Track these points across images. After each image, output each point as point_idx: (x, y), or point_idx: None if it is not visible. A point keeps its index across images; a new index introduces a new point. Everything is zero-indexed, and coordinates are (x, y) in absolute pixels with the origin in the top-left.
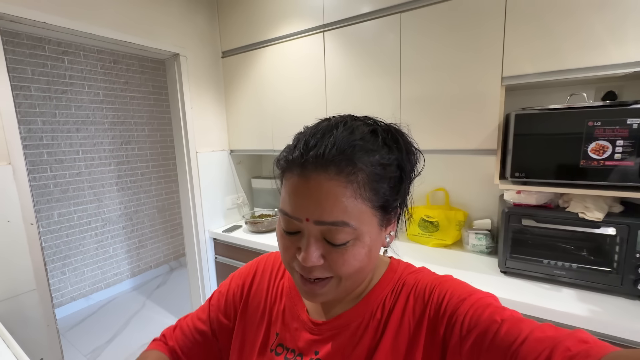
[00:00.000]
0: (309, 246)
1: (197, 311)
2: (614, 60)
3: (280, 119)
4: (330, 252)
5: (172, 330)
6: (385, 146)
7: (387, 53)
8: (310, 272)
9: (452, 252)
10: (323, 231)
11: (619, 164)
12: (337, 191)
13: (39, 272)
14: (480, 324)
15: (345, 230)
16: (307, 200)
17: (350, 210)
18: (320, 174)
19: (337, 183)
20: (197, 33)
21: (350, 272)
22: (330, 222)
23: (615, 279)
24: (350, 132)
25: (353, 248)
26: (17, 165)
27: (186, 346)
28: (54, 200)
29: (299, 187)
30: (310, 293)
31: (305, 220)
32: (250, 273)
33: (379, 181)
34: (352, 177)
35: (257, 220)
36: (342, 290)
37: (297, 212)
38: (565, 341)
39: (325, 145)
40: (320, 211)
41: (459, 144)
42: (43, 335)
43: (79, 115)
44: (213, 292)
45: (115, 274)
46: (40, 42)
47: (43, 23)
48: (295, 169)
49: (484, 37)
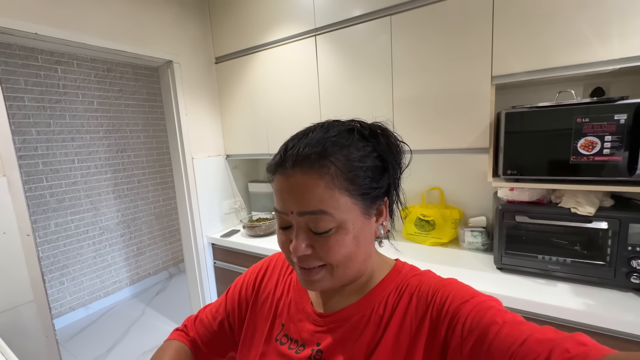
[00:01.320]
0: (297, 237)
1: (214, 303)
2: (600, 57)
3: (274, 122)
4: (317, 240)
5: (193, 322)
6: (362, 140)
7: (378, 55)
8: (303, 261)
9: (448, 250)
10: (306, 221)
11: (608, 159)
12: (312, 183)
13: (36, 283)
14: (481, 326)
15: (324, 218)
16: (289, 195)
17: (327, 200)
18: (296, 170)
19: (310, 176)
20: (189, 40)
21: (338, 258)
22: (310, 211)
23: (608, 272)
24: (325, 132)
25: (336, 235)
26: (12, 177)
27: (206, 337)
28: (50, 210)
29: (282, 184)
30: (308, 281)
31: (290, 213)
32: (262, 268)
33: (354, 171)
34: (324, 169)
35: (255, 224)
36: (338, 277)
37: (283, 207)
38: (564, 343)
39: (299, 146)
40: (300, 203)
41: (451, 144)
42: (42, 346)
43: (73, 124)
44: (230, 286)
45: (114, 282)
46: (32, 52)
47: (35, 34)
48: (279, 170)
49: (473, 38)
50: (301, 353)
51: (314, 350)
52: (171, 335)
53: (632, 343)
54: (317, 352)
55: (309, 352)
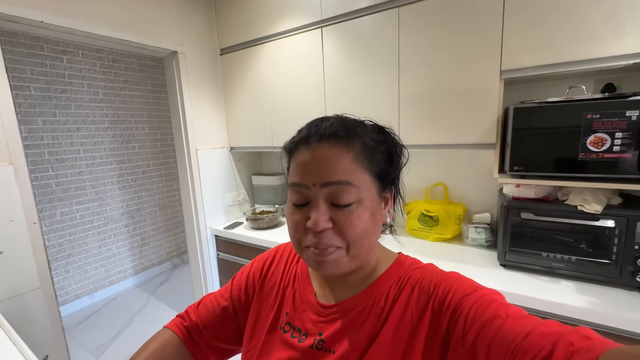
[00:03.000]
0: (318, 210)
1: (219, 290)
2: (613, 52)
3: (279, 115)
4: (337, 214)
5: (196, 307)
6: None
7: (385, 48)
8: (320, 239)
9: (451, 246)
10: (329, 193)
11: (617, 156)
12: (339, 155)
13: (42, 270)
14: (484, 319)
15: (349, 190)
16: (313, 167)
17: (352, 173)
18: (323, 144)
19: (338, 149)
20: (195, 31)
21: (356, 234)
22: (335, 181)
23: (613, 270)
24: (343, 119)
25: (357, 209)
26: (19, 165)
27: (208, 321)
28: (56, 200)
29: (307, 157)
30: (322, 263)
31: (312, 185)
32: (270, 257)
33: (373, 152)
34: (350, 144)
35: (258, 216)
36: (352, 258)
37: (305, 179)
38: (568, 336)
39: (325, 125)
40: (325, 173)
41: (458, 139)
42: (48, 332)
43: (79, 114)
44: (235, 274)
45: (118, 271)
46: (38, 41)
47: (40, 22)
48: (302, 145)
49: (483, 31)
50: (304, 342)
51: (316, 339)
52: (169, 323)
53: (637, 342)
54: (319, 341)
55: (311, 342)
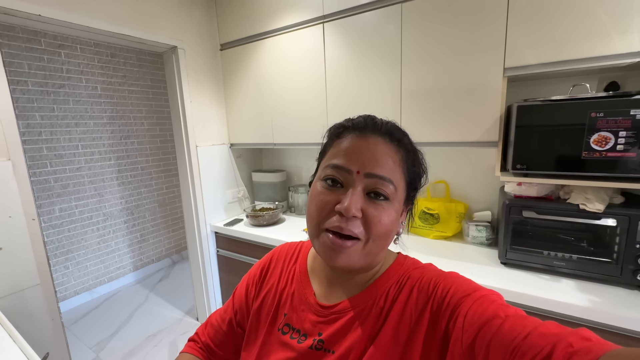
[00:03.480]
0: (353, 196)
1: (223, 307)
2: (618, 50)
3: (280, 112)
4: (369, 207)
5: (204, 327)
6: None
7: (387, 44)
8: (346, 223)
9: (452, 244)
10: (368, 185)
11: (621, 155)
12: (391, 154)
13: (42, 266)
14: (483, 319)
15: (388, 187)
16: (362, 155)
17: (395, 173)
18: (378, 137)
19: (390, 147)
20: (195, 25)
21: (380, 230)
22: (380, 175)
23: (614, 269)
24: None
25: (388, 208)
26: (17, 161)
27: (218, 339)
28: (55, 196)
29: (358, 143)
30: (337, 251)
31: (356, 172)
32: (266, 262)
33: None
34: (400, 148)
35: (258, 213)
36: (365, 254)
37: (350, 164)
38: (567, 338)
39: (382, 121)
40: (373, 164)
41: (460, 136)
42: (48, 328)
43: (77, 109)
44: (236, 287)
45: (117, 267)
46: (35, 35)
47: (38, 15)
48: (354, 131)
49: (486, 27)
50: (303, 343)
51: (315, 340)
52: (184, 348)
53: (637, 341)
54: (319, 342)
55: (311, 342)
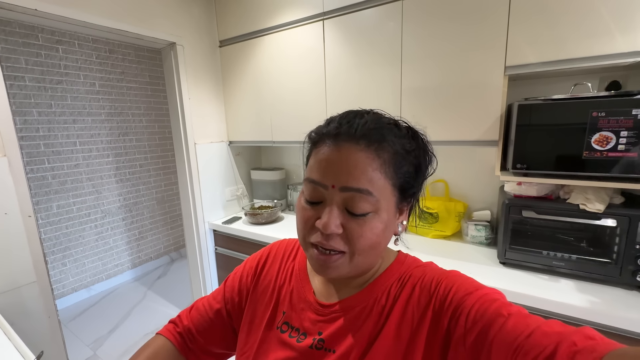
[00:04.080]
0: (331, 213)
1: (212, 293)
2: (621, 49)
3: (279, 109)
4: (350, 222)
5: (189, 311)
6: (408, 136)
7: (388, 42)
8: (328, 240)
9: (451, 243)
10: (346, 199)
11: (622, 155)
12: (366, 162)
13: (38, 264)
14: (486, 317)
15: (367, 199)
16: (336, 167)
17: (375, 182)
18: (352, 145)
19: (366, 154)
20: (193, 22)
21: (365, 245)
22: (356, 188)
23: (614, 269)
24: (378, 118)
25: (372, 221)
26: (13, 157)
27: (201, 325)
28: (52, 192)
29: (331, 155)
30: (324, 266)
31: (330, 187)
32: (263, 255)
33: (401, 162)
34: (380, 151)
35: (257, 211)
36: (354, 266)
37: (324, 178)
38: (571, 336)
39: (357, 122)
40: (347, 177)
41: (460, 135)
42: (44, 326)
43: (75, 106)
44: (228, 276)
45: (115, 265)
46: (33, 30)
47: (34, 10)
48: (328, 140)
49: (487, 26)
50: (302, 342)
51: (315, 339)
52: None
53: (636, 342)
54: (319, 341)
55: (310, 341)
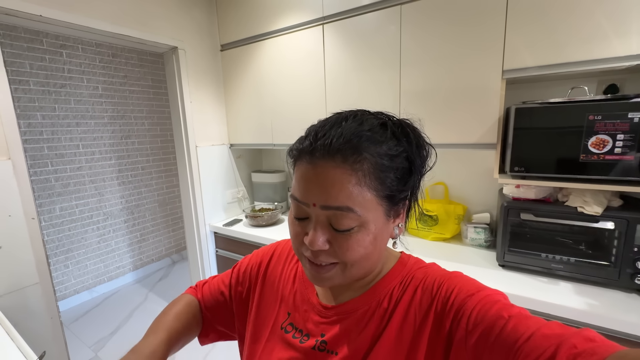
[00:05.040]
0: (315, 231)
1: (223, 274)
2: (617, 52)
3: (279, 112)
4: (336, 237)
5: (202, 285)
6: (394, 138)
7: (387, 46)
8: (316, 256)
9: (450, 245)
10: (329, 216)
11: (619, 158)
12: (343, 178)
13: (41, 266)
14: (487, 319)
15: (349, 215)
16: (314, 186)
17: (355, 197)
18: (327, 161)
19: (342, 170)
20: (195, 26)
21: (354, 258)
22: (335, 207)
23: (612, 272)
24: (359, 124)
25: (357, 234)
26: (17, 160)
27: (209, 301)
28: (55, 195)
29: (308, 174)
30: (317, 277)
31: (312, 205)
32: (268, 253)
33: (385, 171)
34: (357, 165)
35: (257, 214)
36: (349, 276)
37: (305, 197)
38: (571, 339)
39: (333, 135)
40: (326, 196)
41: (458, 138)
42: (47, 327)
43: (78, 109)
44: (237, 262)
45: (117, 267)
46: (37, 35)
47: (39, 16)
48: (305, 157)
49: (485, 30)
50: (305, 343)
51: (318, 340)
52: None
53: (635, 344)
54: (322, 342)
55: (313, 342)
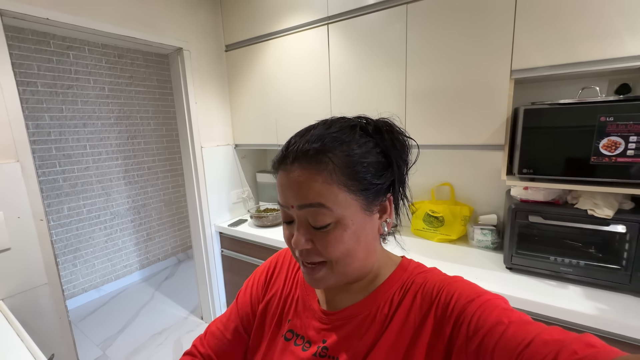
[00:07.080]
0: (298, 230)
1: (224, 314)
2: (630, 52)
3: (284, 113)
4: (316, 235)
5: (203, 337)
6: (364, 135)
7: (392, 46)
8: (305, 256)
9: (456, 247)
10: (306, 215)
11: (631, 161)
12: (310, 178)
13: (49, 266)
14: (487, 325)
15: (322, 211)
16: (289, 190)
17: (325, 194)
18: (295, 166)
19: (308, 171)
20: (200, 27)
21: (336, 254)
22: (308, 204)
23: (623, 276)
24: (326, 128)
25: (335, 231)
26: (25, 163)
27: (220, 349)
28: (63, 195)
29: (283, 180)
30: (311, 278)
31: (291, 207)
32: (270, 266)
33: (353, 167)
34: (322, 165)
35: (262, 214)
36: (339, 274)
37: (284, 201)
38: (572, 344)
39: (300, 142)
40: (300, 197)
41: (466, 139)
42: (55, 326)
43: (85, 110)
44: (239, 292)
45: (124, 266)
46: (45, 37)
47: (46, 19)
48: (281, 166)
49: (493, 29)
50: (307, 350)
51: (319, 347)
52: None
53: None
54: (323, 349)
55: (315, 349)
